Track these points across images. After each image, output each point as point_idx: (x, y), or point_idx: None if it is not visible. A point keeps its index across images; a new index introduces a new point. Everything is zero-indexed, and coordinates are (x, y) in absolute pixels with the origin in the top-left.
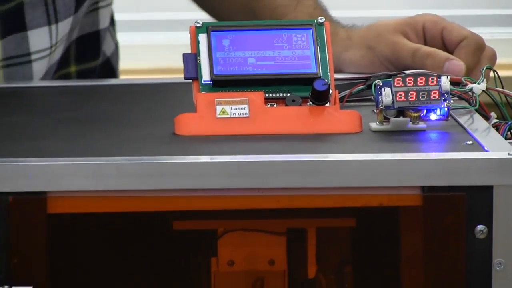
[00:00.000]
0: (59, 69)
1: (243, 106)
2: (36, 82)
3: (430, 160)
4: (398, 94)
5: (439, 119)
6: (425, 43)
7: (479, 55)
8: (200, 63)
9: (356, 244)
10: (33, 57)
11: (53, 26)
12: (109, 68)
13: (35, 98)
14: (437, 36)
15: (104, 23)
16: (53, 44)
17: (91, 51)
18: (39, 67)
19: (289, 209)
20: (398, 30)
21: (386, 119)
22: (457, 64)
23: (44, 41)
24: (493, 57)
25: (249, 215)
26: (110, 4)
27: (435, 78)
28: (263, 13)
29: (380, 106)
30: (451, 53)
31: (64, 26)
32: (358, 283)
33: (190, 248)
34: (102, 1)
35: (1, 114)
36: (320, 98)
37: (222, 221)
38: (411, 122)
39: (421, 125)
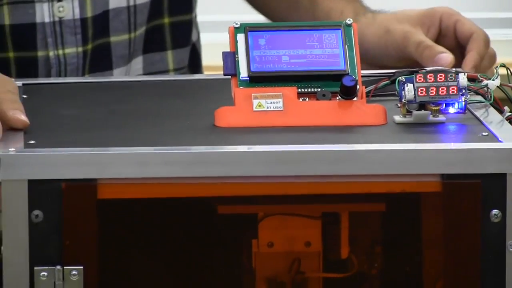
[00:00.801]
0: (152, 20)
1: (277, 100)
2: (87, 78)
3: (448, 150)
4: (419, 89)
5: (457, 112)
6: (440, 33)
7: (487, 49)
8: (238, 61)
9: (385, 227)
10: None
11: None
12: (195, 54)
13: (87, 92)
14: (451, 27)
15: None
16: None
17: (184, 3)
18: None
19: (323, 195)
20: (418, 22)
21: (409, 112)
22: (446, 57)
23: None
24: (494, 55)
25: (287, 201)
26: None
27: (454, 75)
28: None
29: (403, 100)
30: (463, 44)
31: None
32: (386, 262)
33: (234, 231)
34: None
35: (56, 107)
36: (348, 93)
37: (262, 206)
38: (431, 115)
39: (441, 117)
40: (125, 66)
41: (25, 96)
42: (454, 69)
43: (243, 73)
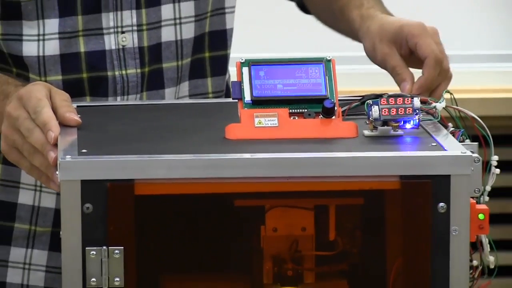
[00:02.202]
0: (196, 53)
1: (273, 118)
2: (130, 101)
3: (406, 156)
4: (383, 110)
5: (412, 128)
6: (410, 50)
7: (437, 70)
8: (243, 88)
9: (362, 216)
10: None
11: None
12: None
13: (129, 112)
14: (413, 48)
15: (230, 24)
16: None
17: (221, 43)
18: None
19: (314, 191)
20: (393, 40)
21: (375, 127)
22: (405, 86)
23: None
24: (447, 70)
25: (287, 196)
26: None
27: (410, 99)
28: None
29: (370, 118)
30: (421, 63)
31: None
32: (363, 242)
33: (247, 219)
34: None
35: (104, 124)
36: (328, 112)
37: (268, 200)
38: (392, 130)
39: (400, 132)
40: (175, 87)
41: (79, 115)
42: (410, 94)
43: (247, 97)
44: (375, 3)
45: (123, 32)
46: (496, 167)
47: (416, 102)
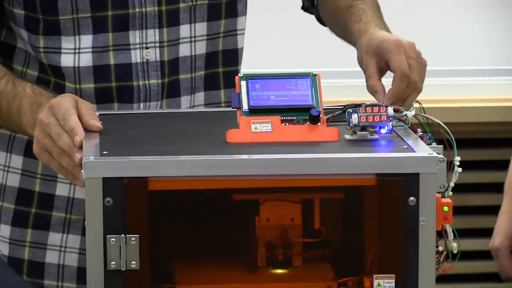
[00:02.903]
0: (208, 68)
1: (267, 124)
2: (145, 110)
3: (381, 157)
4: (361, 117)
5: (387, 133)
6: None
7: (404, 83)
8: (241, 99)
9: (342, 208)
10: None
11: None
12: None
13: (145, 119)
14: (387, 62)
15: (241, 44)
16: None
17: (233, 60)
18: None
19: (302, 187)
20: (374, 54)
21: (355, 132)
22: (377, 96)
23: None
24: (415, 82)
25: (278, 191)
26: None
27: (384, 108)
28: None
29: (351, 124)
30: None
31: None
32: (344, 231)
33: (244, 211)
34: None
35: (123, 130)
36: (314, 120)
37: (262, 194)
38: (369, 134)
39: (375, 136)
40: (189, 95)
41: (101, 122)
42: (384, 103)
43: (245, 106)
44: (372, 18)
45: (147, 48)
46: (459, 166)
47: (390, 110)
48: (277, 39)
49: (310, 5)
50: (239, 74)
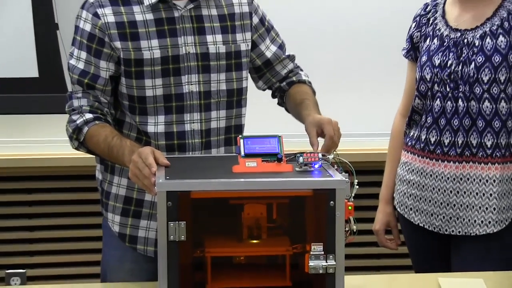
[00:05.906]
0: (226, 134)
1: (254, 162)
2: (190, 155)
3: (316, 180)
4: (305, 159)
5: (319, 167)
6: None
7: (331, 141)
8: (241, 149)
9: (290, 211)
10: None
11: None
12: None
13: (190, 160)
14: (323, 130)
15: (243, 121)
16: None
17: (239, 131)
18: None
19: (268, 196)
20: (315, 125)
21: (301, 167)
22: (315, 148)
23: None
24: (336, 143)
25: (255, 198)
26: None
27: (317, 154)
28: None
29: (299, 163)
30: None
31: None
32: (292, 220)
33: (236, 210)
34: None
35: (178, 165)
36: (279, 160)
37: (246, 200)
38: (308, 168)
39: (312, 169)
40: (216, 149)
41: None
42: (318, 151)
43: (242, 153)
44: (314, 107)
45: (193, 122)
46: (356, 184)
47: (320, 155)
48: (265, 122)
49: (281, 102)
50: (239, 136)
